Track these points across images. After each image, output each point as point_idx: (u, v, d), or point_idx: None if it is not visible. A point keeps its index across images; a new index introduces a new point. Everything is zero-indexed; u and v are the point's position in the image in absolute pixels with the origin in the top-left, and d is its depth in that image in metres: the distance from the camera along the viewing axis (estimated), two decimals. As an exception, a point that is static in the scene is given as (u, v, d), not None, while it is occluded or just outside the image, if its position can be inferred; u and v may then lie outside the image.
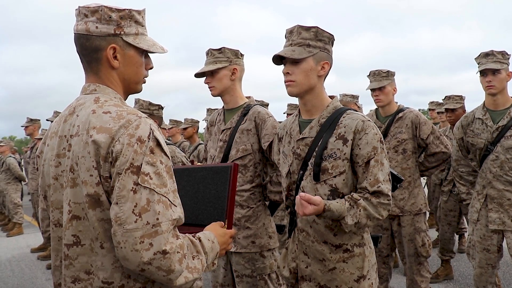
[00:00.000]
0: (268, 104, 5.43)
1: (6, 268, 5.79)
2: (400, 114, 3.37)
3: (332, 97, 2.03)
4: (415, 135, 3.32)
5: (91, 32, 1.34)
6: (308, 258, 1.95)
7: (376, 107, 3.54)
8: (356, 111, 1.95)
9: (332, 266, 1.90)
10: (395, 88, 3.43)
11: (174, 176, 1.28)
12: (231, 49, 2.52)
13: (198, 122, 5.85)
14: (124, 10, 1.36)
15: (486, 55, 2.93)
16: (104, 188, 1.23)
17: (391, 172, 1.92)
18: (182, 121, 6.10)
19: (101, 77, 1.39)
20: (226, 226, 1.52)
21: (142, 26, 1.41)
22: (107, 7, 1.34)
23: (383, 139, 1.89)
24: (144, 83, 1.48)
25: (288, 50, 1.89)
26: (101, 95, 1.35)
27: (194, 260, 1.27)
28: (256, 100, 2.74)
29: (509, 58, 2.95)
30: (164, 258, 1.18)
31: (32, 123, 6.83)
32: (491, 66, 2.86)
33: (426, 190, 5.17)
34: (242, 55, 2.59)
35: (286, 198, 2.05)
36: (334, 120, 1.90)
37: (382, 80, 3.36)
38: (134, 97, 3.62)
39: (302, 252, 1.97)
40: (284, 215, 3.93)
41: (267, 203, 2.58)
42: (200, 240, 1.33)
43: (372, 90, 3.39)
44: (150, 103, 3.42)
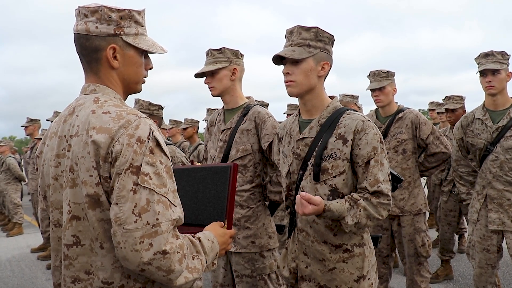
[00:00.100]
0: (268, 104, 5.43)
1: (6, 268, 5.79)
2: (400, 114, 3.37)
3: (332, 97, 2.03)
4: (415, 135, 3.32)
5: (91, 32, 1.34)
6: (308, 258, 1.95)
7: (376, 107, 3.54)
8: (356, 111, 1.95)
9: (332, 266, 1.90)
10: (395, 88, 3.43)
11: (173, 176, 1.28)
12: (231, 49, 2.52)
13: (198, 122, 5.85)
14: (124, 10, 1.36)
15: (486, 55, 2.93)
16: (104, 189, 1.23)
17: (391, 172, 1.92)
18: (182, 121, 6.10)
19: (100, 77, 1.39)
20: (226, 226, 1.52)
21: (142, 26, 1.41)
22: (107, 7, 1.34)
23: (383, 139, 1.89)
24: (144, 83, 1.48)
25: (288, 50, 1.89)
26: (100, 95, 1.35)
27: (194, 260, 1.27)
28: (256, 100, 2.74)
29: (508, 59, 2.95)
30: (164, 258, 1.17)
31: (32, 123, 6.83)
32: (490, 67, 2.86)
33: (426, 190, 5.17)
34: (242, 55, 2.59)
35: (286, 198, 2.05)
36: (334, 120, 1.90)
37: (382, 81, 3.36)
38: (134, 97, 3.62)
39: (302, 252, 1.97)
40: (284, 215, 3.93)
41: (267, 203, 2.58)
42: (200, 240, 1.33)
43: (372, 90, 3.39)
44: (150, 103, 3.42)
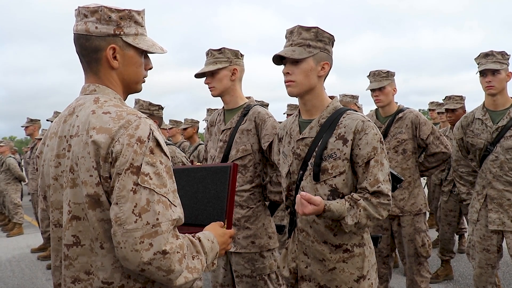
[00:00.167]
0: (268, 105, 5.43)
1: (6, 268, 5.79)
2: (400, 115, 3.37)
3: (332, 97, 2.03)
4: (415, 135, 3.32)
5: (90, 33, 1.34)
6: (308, 258, 1.95)
7: (376, 107, 3.54)
8: (356, 111, 1.95)
9: (332, 266, 1.90)
10: (395, 88, 3.43)
11: (174, 176, 1.28)
12: (231, 49, 2.52)
13: (198, 122, 5.86)
14: (123, 10, 1.36)
15: (486, 55, 2.93)
16: (104, 189, 1.23)
17: (391, 173, 1.92)
18: (182, 121, 6.10)
19: (100, 77, 1.39)
20: (226, 226, 1.52)
21: (142, 26, 1.41)
22: (106, 7, 1.34)
23: (383, 140, 1.89)
24: (144, 83, 1.48)
25: (288, 50, 1.89)
26: (100, 96, 1.35)
27: (194, 260, 1.27)
28: (256, 101, 2.74)
29: (508, 59, 2.94)
30: (164, 258, 1.17)
31: (32, 124, 6.83)
32: (490, 67, 2.86)
33: (426, 190, 5.17)
34: (242, 55, 2.59)
35: (286, 198, 2.05)
36: (334, 120, 1.90)
37: (382, 81, 3.36)
38: (134, 97, 3.62)
39: (302, 252, 1.97)
40: (284, 215, 3.93)
41: (267, 203, 2.58)
42: (199, 240, 1.33)
43: (372, 90, 3.39)
44: (150, 104, 3.42)
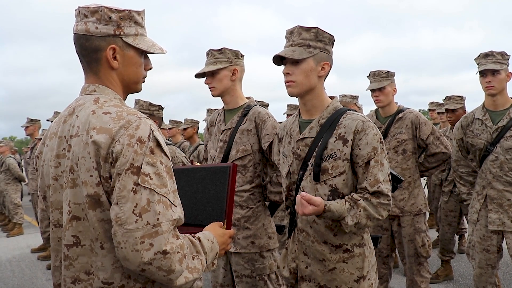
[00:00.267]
0: (268, 105, 5.43)
1: (7, 268, 5.79)
2: (400, 115, 3.37)
3: (332, 97, 2.03)
4: (415, 135, 3.32)
5: (91, 33, 1.34)
6: (308, 258, 1.95)
7: (376, 107, 3.54)
8: (356, 111, 1.95)
9: (332, 266, 1.90)
10: (395, 88, 3.43)
11: (174, 177, 1.28)
12: (231, 49, 2.52)
13: (198, 122, 5.86)
14: (124, 10, 1.36)
15: (486, 55, 2.93)
16: (104, 189, 1.23)
17: (391, 173, 1.92)
18: (182, 121, 6.10)
19: (100, 77, 1.39)
20: (225, 226, 1.52)
21: (142, 27, 1.41)
22: (107, 7, 1.34)
23: (383, 140, 1.89)
24: (143, 83, 1.48)
25: (288, 50, 1.89)
26: (100, 96, 1.35)
27: (194, 260, 1.27)
28: (256, 101, 2.74)
29: (508, 59, 2.94)
30: (165, 258, 1.18)
31: (32, 124, 6.83)
32: (490, 67, 2.86)
33: (426, 191, 5.17)
34: (242, 55, 2.59)
35: (286, 199, 2.05)
36: (334, 120, 1.90)
37: (382, 81, 3.36)
38: (134, 97, 3.62)
39: (302, 252, 1.97)
40: (284, 215, 3.93)
41: (267, 203, 2.58)
42: (199, 240, 1.33)
43: (372, 90, 3.39)
44: (150, 104, 3.42)
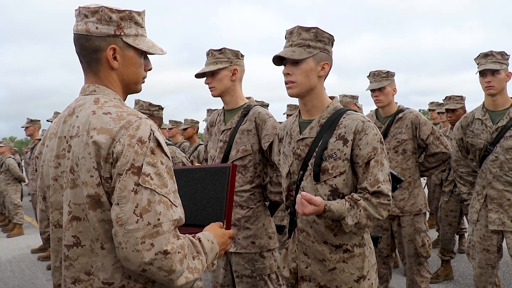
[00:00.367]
0: (268, 105, 5.43)
1: (7, 268, 5.79)
2: (400, 115, 3.37)
3: (332, 97, 2.03)
4: (415, 135, 3.32)
5: (91, 33, 1.34)
6: (308, 259, 1.95)
7: (376, 107, 3.54)
8: (356, 111, 1.96)
9: (332, 266, 1.90)
10: (395, 88, 3.43)
11: (174, 177, 1.28)
12: (231, 49, 2.52)
13: (198, 122, 5.86)
14: (124, 11, 1.36)
15: (486, 55, 2.93)
16: (105, 189, 1.23)
17: (391, 173, 1.92)
18: (182, 121, 6.10)
19: (100, 77, 1.39)
20: (225, 226, 1.52)
21: (142, 27, 1.42)
22: (107, 7, 1.34)
23: (383, 140, 1.89)
24: (143, 83, 1.48)
25: (288, 50, 1.89)
26: (100, 96, 1.35)
27: (194, 260, 1.27)
28: (256, 101, 2.74)
29: (508, 59, 2.95)
30: (166, 259, 1.18)
31: (32, 124, 6.83)
32: (490, 67, 2.87)
33: (426, 191, 5.17)
34: (242, 55, 2.59)
35: (286, 199, 2.05)
36: (334, 120, 1.90)
37: (382, 81, 3.36)
38: (134, 97, 3.62)
39: (302, 252, 1.97)
40: (284, 215, 3.93)
41: (267, 203, 2.58)
42: (200, 241, 1.33)
43: (372, 90, 3.39)
44: (150, 104, 3.42)
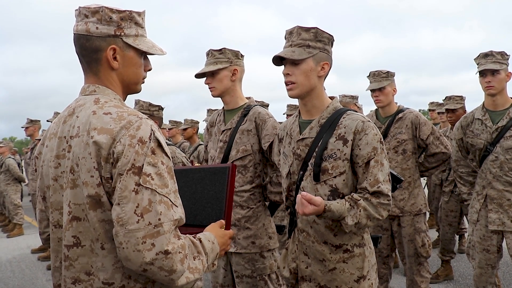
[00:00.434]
0: (268, 105, 5.43)
1: (7, 269, 5.79)
2: (400, 115, 3.37)
3: (332, 97, 2.04)
4: (415, 135, 3.32)
5: (91, 33, 1.34)
6: (308, 259, 1.95)
7: (376, 107, 3.54)
8: (356, 111, 1.96)
9: (332, 266, 1.90)
10: (395, 88, 3.43)
11: (174, 177, 1.28)
12: (231, 49, 2.52)
13: (198, 123, 5.86)
14: (124, 11, 1.36)
15: (485, 55, 2.94)
16: (105, 189, 1.23)
17: (391, 173, 1.92)
18: (182, 122, 6.10)
19: (100, 77, 1.39)
20: (224, 226, 1.52)
21: (142, 27, 1.42)
22: (107, 8, 1.34)
23: (383, 140, 1.89)
24: (143, 83, 1.48)
25: (288, 51, 1.89)
26: (101, 96, 1.35)
27: (195, 260, 1.27)
28: (256, 101, 2.74)
29: (508, 59, 2.95)
30: (166, 259, 1.18)
31: (32, 124, 6.83)
32: (490, 67, 2.87)
33: (426, 191, 5.17)
34: (242, 56, 2.59)
35: (286, 199, 2.05)
36: (334, 120, 1.90)
37: (382, 81, 3.36)
38: (134, 97, 3.62)
39: (302, 252, 1.97)
40: (284, 215, 3.93)
41: (267, 203, 2.58)
42: (200, 241, 1.33)
43: (372, 90, 3.40)
44: (150, 104, 3.42)
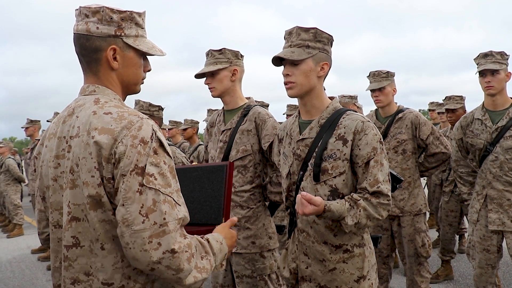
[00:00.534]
0: (268, 105, 5.43)
1: (7, 269, 5.79)
2: (400, 115, 3.37)
3: (331, 98, 2.04)
4: (414, 135, 3.32)
5: (91, 33, 1.34)
6: (308, 259, 1.95)
7: (376, 107, 3.54)
8: (355, 111, 1.96)
9: (332, 266, 1.91)
10: (395, 88, 3.43)
11: (176, 176, 1.29)
12: (231, 50, 2.52)
13: (197, 123, 5.87)
14: (125, 11, 1.37)
15: (485, 55, 2.94)
16: (107, 189, 1.24)
17: (390, 173, 1.92)
18: (182, 122, 6.10)
19: (100, 77, 1.39)
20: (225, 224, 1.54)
21: (142, 28, 1.42)
22: (108, 8, 1.34)
23: (382, 140, 1.89)
24: (142, 84, 1.49)
25: (287, 51, 1.89)
26: (100, 96, 1.35)
27: (202, 260, 1.28)
28: (256, 101, 2.74)
29: (508, 59, 2.95)
30: (173, 257, 1.19)
31: (32, 124, 6.83)
32: (490, 67, 2.87)
33: (426, 191, 5.17)
34: (242, 56, 2.59)
35: (286, 199, 2.05)
36: (334, 121, 1.90)
37: (381, 81, 3.36)
38: (134, 98, 3.62)
39: (302, 252, 1.97)
40: (284, 215, 3.93)
41: (267, 203, 2.58)
42: (208, 241, 1.35)
43: (372, 90, 3.40)
44: (150, 104, 3.42)
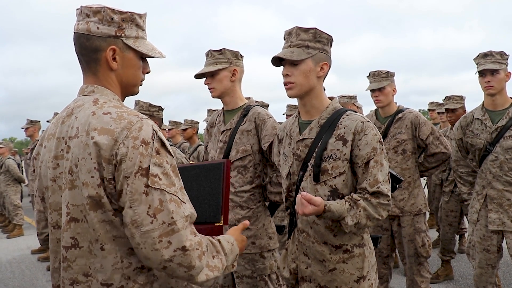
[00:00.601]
0: (268, 105, 5.43)
1: (7, 269, 5.79)
2: (399, 115, 3.37)
3: (331, 98, 2.04)
4: (414, 135, 3.32)
5: (92, 32, 1.34)
6: (308, 259, 1.95)
7: (376, 107, 3.54)
8: (355, 112, 1.96)
9: (332, 266, 1.91)
10: (395, 88, 3.43)
11: (179, 174, 1.29)
12: (231, 50, 2.52)
13: (197, 123, 5.87)
14: (126, 12, 1.37)
15: (485, 55, 2.94)
16: (107, 190, 1.23)
17: (390, 173, 1.92)
18: (182, 122, 6.10)
19: (99, 78, 1.39)
20: (222, 222, 1.54)
21: (143, 30, 1.42)
22: (109, 8, 1.35)
23: (382, 140, 1.89)
24: (141, 85, 1.49)
25: (287, 51, 1.89)
26: (99, 96, 1.35)
27: (214, 259, 1.30)
28: (256, 101, 2.74)
29: (507, 59, 2.95)
30: (184, 255, 1.20)
31: (32, 125, 6.84)
32: (489, 67, 2.87)
33: (426, 191, 5.17)
34: (242, 56, 2.59)
35: (286, 199, 2.06)
36: (334, 121, 1.90)
37: (381, 81, 3.36)
38: (134, 98, 3.62)
39: (302, 253, 1.97)
40: (284, 215, 3.94)
41: (267, 203, 2.58)
42: (219, 242, 1.36)
43: (372, 90, 3.40)
44: (150, 105, 3.42)
